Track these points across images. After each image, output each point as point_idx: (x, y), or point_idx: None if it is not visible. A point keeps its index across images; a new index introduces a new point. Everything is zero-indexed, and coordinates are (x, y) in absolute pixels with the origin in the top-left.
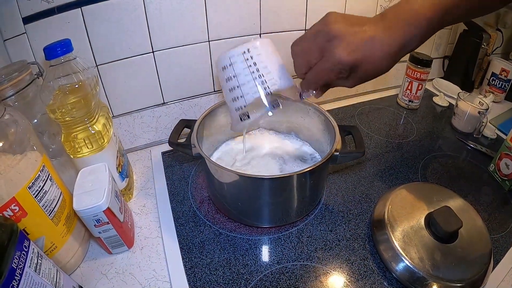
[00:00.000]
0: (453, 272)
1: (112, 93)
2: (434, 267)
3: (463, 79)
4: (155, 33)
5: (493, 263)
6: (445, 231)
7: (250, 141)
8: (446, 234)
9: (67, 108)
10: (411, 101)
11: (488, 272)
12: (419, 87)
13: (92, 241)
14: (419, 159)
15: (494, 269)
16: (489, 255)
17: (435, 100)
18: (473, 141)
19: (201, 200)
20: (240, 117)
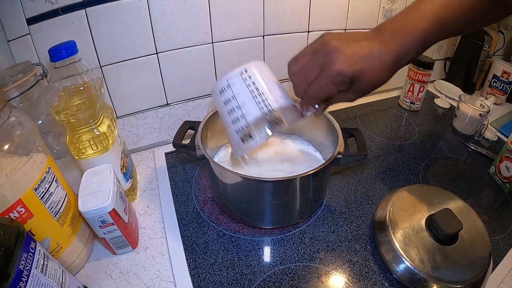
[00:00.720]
0: (453, 273)
1: (115, 94)
2: (434, 268)
3: (464, 81)
4: (159, 34)
5: (492, 265)
6: (445, 233)
7: None
8: (446, 236)
9: (72, 109)
10: (413, 103)
11: (487, 273)
12: (421, 89)
13: (96, 242)
14: (420, 161)
15: (493, 270)
16: (489, 257)
17: (437, 102)
18: (474, 143)
19: (205, 201)
20: (241, 139)
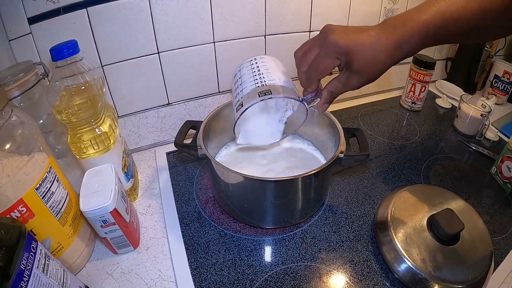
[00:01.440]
0: (455, 273)
1: (117, 94)
2: (435, 268)
3: (465, 81)
4: (161, 34)
5: (494, 265)
6: (447, 233)
7: None
8: (448, 236)
9: (73, 109)
10: (414, 103)
11: (489, 274)
12: (422, 89)
13: (97, 241)
14: (421, 161)
15: (495, 271)
16: (490, 257)
17: (438, 102)
18: (476, 144)
19: (206, 200)
20: (236, 108)
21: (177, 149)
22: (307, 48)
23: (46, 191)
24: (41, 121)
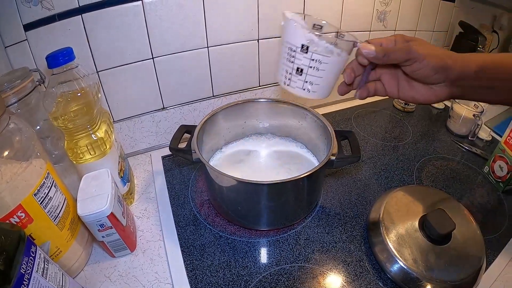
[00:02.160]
0: (447, 272)
1: (112, 99)
2: (427, 268)
3: None
4: (155, 39)
5: (486, 264)
6: (438, 233)
7: (247, 145)
8: (439, 236)
9: (69, 115)
10: (407, 104)
11: (480, 272)
12: None
13: (95, 245)
14: (414, 162)
15: (487, 269)
16: (481, 256)
17: None
18: (468, 144)
19: (201, 203)
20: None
21: (172, 153)
22: (387, 38)
23: (44, 196)
24: (38, 127)
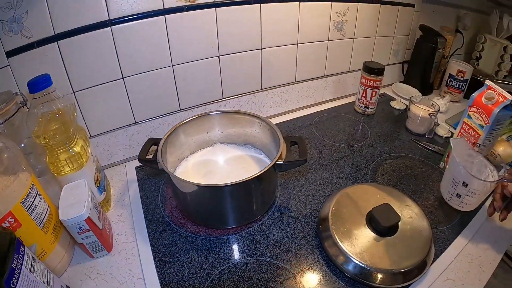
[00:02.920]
0: (393, 262)
1: (89, 116)
2: (375, 259)
3: (422, 82)
4: (124, 61)
5: (435, 252)
6: (383, 225)
7: (210, 154)
8: (384, 228)
9: (50, 134)
10: (367, 107)
11: (428, 260)
12: (373, 94)
13: (76, 248)
14: (370, 162)
15: (438, 258)
16: (428, 246)
17: (393, 104)
18: (426, 142)
19: (170, 208)
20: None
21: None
22: None
23: (30, 204)
24: (23, 145)
